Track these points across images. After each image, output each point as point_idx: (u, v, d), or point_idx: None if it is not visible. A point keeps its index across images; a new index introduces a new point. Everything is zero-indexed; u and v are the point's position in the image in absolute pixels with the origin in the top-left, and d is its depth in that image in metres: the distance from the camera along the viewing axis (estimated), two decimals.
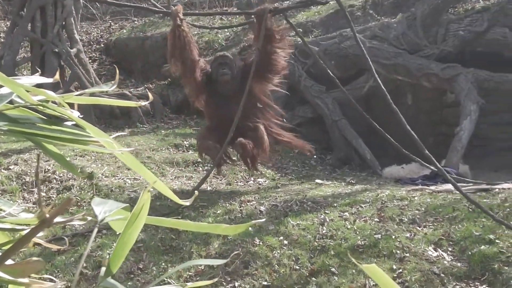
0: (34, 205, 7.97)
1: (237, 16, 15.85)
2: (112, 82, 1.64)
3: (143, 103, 1.77)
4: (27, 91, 1.45)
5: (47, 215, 1.27)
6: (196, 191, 1.61)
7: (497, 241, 6.82)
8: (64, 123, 1.54)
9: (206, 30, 15.90)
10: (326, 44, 13.15)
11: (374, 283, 6.25)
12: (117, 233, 1.43)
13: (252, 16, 8.32)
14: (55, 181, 8.81)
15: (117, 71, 1.88)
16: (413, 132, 7.62)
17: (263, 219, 7.40)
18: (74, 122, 1.53)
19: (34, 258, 1.33)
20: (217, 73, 8.68)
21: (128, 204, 1.42)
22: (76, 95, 1.55)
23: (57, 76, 1.94)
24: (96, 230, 1.39)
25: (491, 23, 12.40)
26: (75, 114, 1.51)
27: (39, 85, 1.61)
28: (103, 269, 1.36)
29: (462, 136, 11.27)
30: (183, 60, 8.52)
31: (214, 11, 17.18)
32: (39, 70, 10.24)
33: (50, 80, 1.75)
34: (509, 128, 13.06)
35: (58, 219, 1.30)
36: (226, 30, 15.81)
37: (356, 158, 12.29)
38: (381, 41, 12.91)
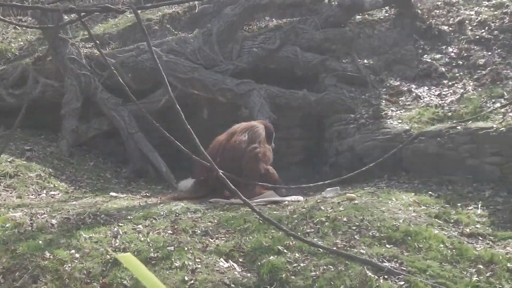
0: None
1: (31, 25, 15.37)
2: None
3: None
4: None
5: None
6: None
7: (285, 251, 7.09)
8: None
9: None
10: (123, 56, 13.07)
11: None
12: None
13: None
14: None
15: None
16: (203, 149, 7.74)
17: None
18: None
19: None
20: None
21: None
22: None
23: None
24: None
25: (283, 42, 12.90)
26: None
27: None
28: None
29: None
30: None
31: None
32: None
33: None
34: (299, 143, 13.62)
35: None
36: (20, 39, 15.28)
37: (151, 171, 12.29)
38: (178, 55, 13.03)
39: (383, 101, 11.87)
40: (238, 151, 9.74)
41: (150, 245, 7.19)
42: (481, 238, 7.81)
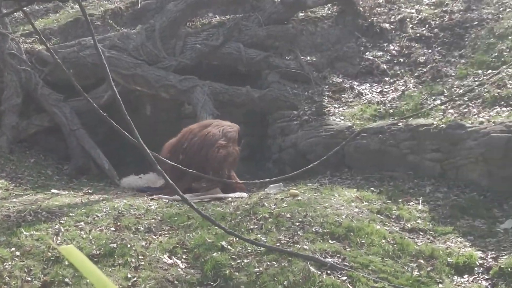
0: None
1: None
2: None
3: None
4: None
5: None
6: None
7: (229, 247, 7.10)
8: None
9: None
10: (65, 52, 12.87)
11: None
12: None
13: None
14: None
15: None
16: (143, 143, 7.68)
17: None
18: None
19: None
20: None
21: None
22: None
23: None
24: None
25: (226, 38, 12.89)
26: None
27: None
28: None
29: None
30: None
31: None
32: None
33: None
34: (246, 140, 13.62)
35: None
36: None
37: (94, 168, 12.13)
38: (120, 51, 12.90)
39: (326, 98, 11.97)
40: (209, 142, 9.79)
41: (93, 242, 7.13)
42: (422, 233, 7.95)
